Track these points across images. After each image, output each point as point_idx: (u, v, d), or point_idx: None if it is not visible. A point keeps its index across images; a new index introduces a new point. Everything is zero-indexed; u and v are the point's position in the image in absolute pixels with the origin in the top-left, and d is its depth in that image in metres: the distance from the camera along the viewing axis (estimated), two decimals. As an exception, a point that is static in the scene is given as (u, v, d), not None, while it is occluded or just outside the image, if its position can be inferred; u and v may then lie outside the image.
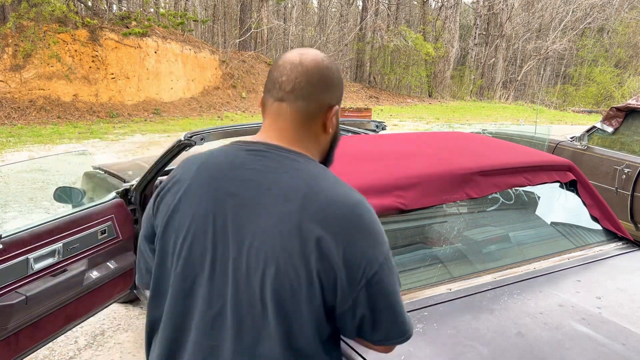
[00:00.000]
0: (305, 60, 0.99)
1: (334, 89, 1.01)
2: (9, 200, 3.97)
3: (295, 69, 0.98)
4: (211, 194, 0.95)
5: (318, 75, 0.98)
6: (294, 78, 0.98)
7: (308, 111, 0.99)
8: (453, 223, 2.20)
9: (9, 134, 10.62)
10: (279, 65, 1.01)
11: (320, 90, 0.99)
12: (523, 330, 1.39)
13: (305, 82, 0.97)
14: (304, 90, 0.97)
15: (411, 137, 2.25)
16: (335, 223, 0.89)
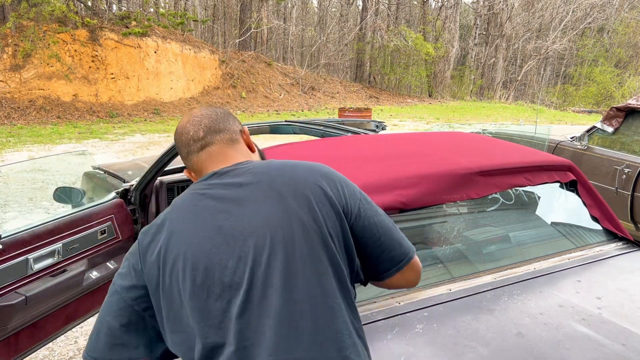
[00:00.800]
0: (198, 114, 1.16)
1: (233, 118, 1.19)
2: (9, 200, 3.97)
3: (195, 122, 1.15)
4: (206, 230, 1.01)
5: (213, 116, 1.16)
6: (197, 128, 1.14)
7: (229, 138, 1.15)
8: (453, 223, 2.20)
9: (8, 134, 10.62)
10: (179, 133, 1.16)
11: (225, 122, 1.16)
12: (523, 330, 1.39)
13: (209, 124, 1.15)
14: (213, 129, 1.14)
15: (411, 137, 2.25)
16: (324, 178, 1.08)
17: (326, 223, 1.02)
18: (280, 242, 0.97)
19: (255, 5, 21.68)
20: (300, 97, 20.02)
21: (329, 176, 1.11)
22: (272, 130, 2.82)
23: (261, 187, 1.04)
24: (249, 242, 0.98)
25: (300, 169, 1.09)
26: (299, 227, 0.99)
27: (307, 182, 1.05)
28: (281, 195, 1.02)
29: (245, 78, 19.12)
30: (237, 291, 0.95)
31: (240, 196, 1.03)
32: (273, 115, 16.31)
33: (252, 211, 1.01)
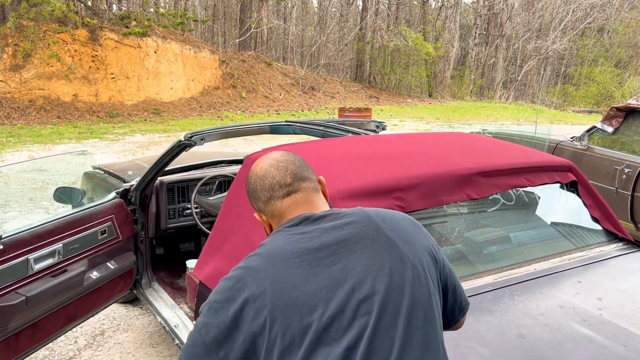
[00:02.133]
0: (279, 158, 1.13)
1: (308, 166, 1.15)
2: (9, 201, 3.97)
3: (281, 168, 1.11)
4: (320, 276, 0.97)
5: (297, 162, 1.13)
6: (283, 175, 1.10)
7: (312, 186, 1.13)
8: (453, 224, 2.20)
9: (8, 134, 10.62)
10: (260, 177, 1.12)
11: (306, 170, 1.14)
12: (524, 331, 1.38)
13: (294, 170, 1.11)
14: (298, 176, 1.11)
15: (411, 138, 2.25)
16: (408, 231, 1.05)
17: (431, 272, 1.01)
18: (399, 285, 0.95)
19: (255, 5, 21.68)
20: (300, 97, 20.02)
21: (417, 224, 1.10)
22: (272, 130, 2.82)
23: (367, 229, 1.01)
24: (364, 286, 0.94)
25: (397, 215, 1.10)
26: (412, 274, 0.97)
27: (409, 229, 1.05)
28: (390, 240, 1.00)
29: (245, 78, 19.12)
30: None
31: (347, 238, 1.00)
32: (273, 115, 16.30)
33: (363, 254, 0.98)
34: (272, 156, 1.14)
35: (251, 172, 1.14)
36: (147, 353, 2.91)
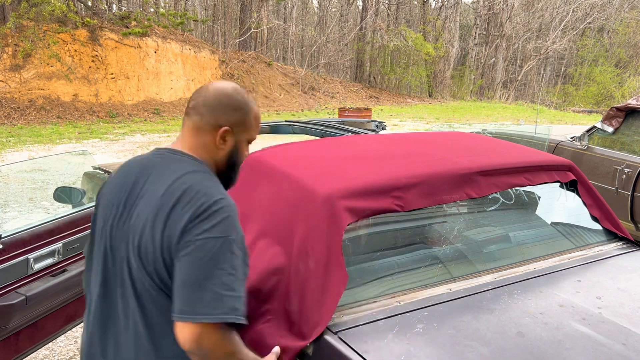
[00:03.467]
0: (211, 86, 1.27)
1: (229, 113, 1.25)
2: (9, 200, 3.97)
3: (201, 92, 1.27)
4: (125, 184, 1.26)
5: (214, 98, 1.24)
6: (196, 98, 1.26)
7: (200, 125, 1.25)
8: (453, 223, 2.20)
9: (8, 134, 10.62)
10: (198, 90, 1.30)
11: (213, 111, 1.24)
12: (523, 330, 1.39)
13: (202, 102, 1.25)
14: (199, 108, 1.25)
15: (411, 137, 2.25)
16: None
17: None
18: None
19: (255, 5, 21.68)
20: (300, 97, 20.02)
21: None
22: (272, 130, 2.82)
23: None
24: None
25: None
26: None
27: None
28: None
29: (245, 78, 19.12)
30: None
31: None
32: (273, 115, 16.30)
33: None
34: (216, 82, 1.30)
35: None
36: (147, 353, 2.91)
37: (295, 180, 1.63)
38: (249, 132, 1.31)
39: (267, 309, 1.50)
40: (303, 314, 1.39)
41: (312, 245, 1.45)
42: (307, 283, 1.42)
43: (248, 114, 1.29)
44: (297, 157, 1.85)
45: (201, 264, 1.09)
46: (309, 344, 1.35)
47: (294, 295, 1.43)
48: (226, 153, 1.29)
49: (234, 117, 1.26)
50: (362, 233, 1.94)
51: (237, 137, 1.29)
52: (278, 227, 1.60)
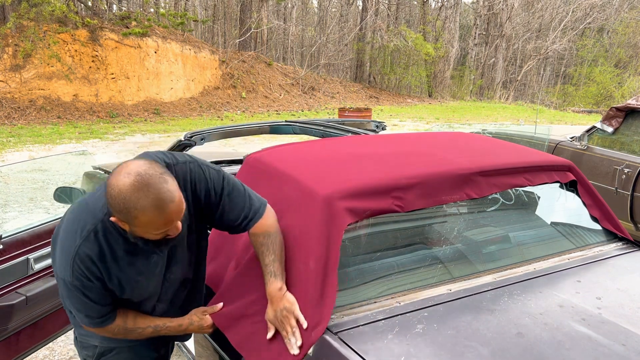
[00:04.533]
0: (119, 172, 1.28)
1: (114, 209, 1.26)
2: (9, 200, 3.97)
3: (113, 174, 1.32)
4: None
5: (109, 185, 1.27)
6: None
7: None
8: (453, 223, 2.20)
9: (9, 134, 10.62)
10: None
11: (108, 202, 1.30)
12: (523, 330, 1.39)
13: (106, 192, 1.31)
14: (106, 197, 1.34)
15: (411, 137, 2.25)
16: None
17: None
18: None
19: (255, 6, 21.67)
20: (300, 97, 20.02)
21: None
22: (272, 130, 2.82)
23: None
24: None
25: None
26: None
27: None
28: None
29: (246, 78, 19.12)
30: None
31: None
32: (273, 115, 16.30)
33: None
34: (121, 176, 1.27)
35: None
36: (147, 353, 2.90)
37: (295, 181, 1.63)
38: (144, 230, 1.29)
39: (257, 308, 1.50)
40: (303, 315, 1.39)
41: (311, 245, 1.45)
42: (306, 284, 1.42)
43: (133, 220, 1.25)
44: (297, 157, 1.85)
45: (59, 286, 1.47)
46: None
47: (293, 296, 1.44)
48: (128, 233, 1.33)
49: (119, 216, 1.27)
50: (362, 233, 1.94)
51: (132, 229, 1.30)
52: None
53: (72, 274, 1.34)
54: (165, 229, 1.30)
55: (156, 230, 1.29)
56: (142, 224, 1.26)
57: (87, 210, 1.38)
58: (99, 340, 1.59)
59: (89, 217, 1.35)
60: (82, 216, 1.37)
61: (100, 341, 1.60)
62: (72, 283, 1.35)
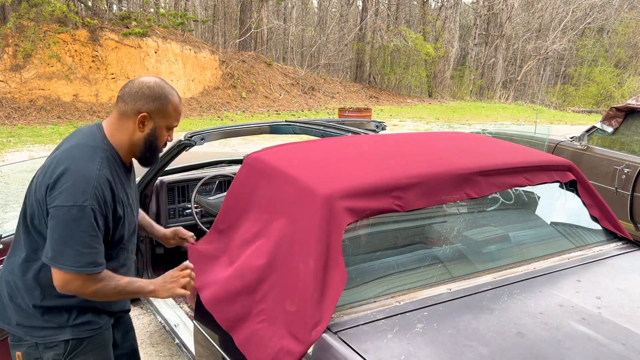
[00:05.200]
0: (137, 79, 1.55)
1: (148, 102, 1.51)
2: (9, 200, 3.97)
3: (128, 84, 1.55)
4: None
5: (137, 89, 1.52)
6: (124, 88, 1.55)
7: (124, 111, 1.54)
8: (453, 223, 2.20)
9: (9, 134, 10.62)
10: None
11: (135, 99, 1.51)
12: (523, 330, 1.39)
13: (128, 92, 1.53)
14: (125, 97, 1.53)
15: (411, 137, 2.25)
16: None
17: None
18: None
19: (255, 6, 21.68)
20: (300, 97, 20.02)
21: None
22: (272, 130, 2.82)
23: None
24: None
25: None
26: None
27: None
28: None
29: (246, 78, 19.12)
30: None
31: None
32: (273, 115, 16.30)
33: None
34: (138, 77, 1.57)
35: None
36: (147, 353, 2.91)
37: (295, 181, 1.64)
38: (167, 119, 1.56)
39: (264, 308, 1.50)
40: (303, 315, 1.39)
41: (311, 245, 1.46)
42: (306, 283, 1.42)
43: (166, 104, 1.54)
44: (297, 157, 1.86)
45: (61, 227, 1.40)
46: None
47: (293, 296, 1.44)
48: (144, 135, 1.56)
49: (153, 106, 1.52)
50: (362, 233, 1.94)
51: (155, 123, 1.55)
52: (278, 227, 1.60)
53: (92, 196, 1.41)
54: (176, 123, 1.60)
55: (176, 120, 1.58)
56: (172, 110, 1.55)
57: (89, 145, 1.50)
58: (70, 332, 1.55)
59: (97, 149, 1.50)
60: (88, 149, 1.48)
61: (72, 333, 1.56)
62: (91, 206, 1.41)
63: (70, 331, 1.56)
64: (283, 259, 1.52)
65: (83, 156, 1.46)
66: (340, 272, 1.43)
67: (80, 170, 1.42)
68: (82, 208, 1.40)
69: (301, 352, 1.34)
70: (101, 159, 1.48)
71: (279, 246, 1.56)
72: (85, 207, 1.40)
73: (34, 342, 1.56)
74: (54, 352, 1.56)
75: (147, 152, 1.61)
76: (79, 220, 1.40)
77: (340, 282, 1.42)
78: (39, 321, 1.55)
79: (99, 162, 1.47)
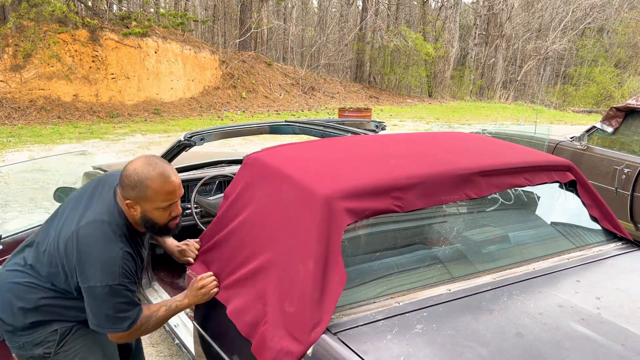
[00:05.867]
0: (128, 164, 1.64)
1: (128, 190, 1.61)
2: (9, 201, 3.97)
3: (125, 168, 1.65)
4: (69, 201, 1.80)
5: (123, 176, 1.62)
6: (122, 171, 1.66)
7: (118, 193, 1.67)
8: (453, 223, 2.20)
9: (9, 134, 10.62)
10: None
11: (122, 186, 1.63)
12: (522, 330, 1.39)
13: (121, 176, 1.64)
14: (119, 181, 1.65)
15: (410, 137, 2.25)
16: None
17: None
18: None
19: (255, 6, 21.67)
20: (300, 97, 20.02)
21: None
22: (272, 130, 2.82)
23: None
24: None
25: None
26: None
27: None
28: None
29: (246, 78, 19.12)
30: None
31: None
32: (273, 115, 16.31)
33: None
34: (131, 163, 1.65)
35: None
36: (147, 353, 2.91)
37: (295, 181, 1.64)
38: (152, 202, 1.61)
39: (266, 310, 1.50)
40: (303, 315, 1.39)
41: (311, 246, 1.45)
42: (306, 284, 1.42)
43: (144, 190, 1.59)
44: (297, 157, 1.85)
45: (100, 302, 1.55)
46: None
47: (293, 297, 1.44)
48: (139, 217, 1.65)
49: (132, 193, 1.60)
50: (362, 233, 1.94)
51: (142, 207, 1.62)
52: (277, 227, 1.60)
53: (120, 274, 1.55)
54: (170, 201, 1.62)
55: (163, 202, 1.61)
56: (152, 194, 1.58)
57: (107, 222, 1.61)
58: (57, 324, 1.67)
59: (115, 226, 1.61)
60: (107, 228, 1.60)
61: (59, 324, 1.68)
62: (121, 283, 1.56)
63: (58, 323, 1.68)
64: (282, 259, 1.52)
65: (105, 237, 1.58)
66: (340, 272, 1.43)
67: (104, 254, 1.56)
68: (115, 286, 1.55)
69: (301, 352, 1.34)
70: (120, 237, 1.61)
71: (278, 247, 1.56)
72: (117, 285, 1.55)
73: (21, 342, 1.65)
74: (42, 348, 1.66)
75: (153, 229, 1.69)
76: (114, 295, 1.55)
77: (339, 282, 1.42)
78: (23, 325, 1.66)
79: (119, 238, 1.60)
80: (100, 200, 1.68)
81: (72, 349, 1.69)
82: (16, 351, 1.68)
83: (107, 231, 1.59)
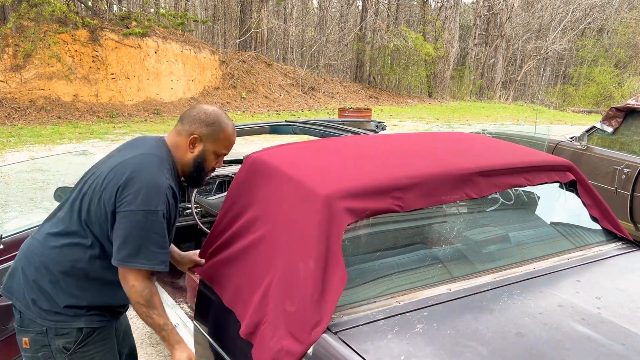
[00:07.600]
0: (197, 105, 1.72)
1: (202, 126, 1.67)
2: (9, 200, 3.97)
3: (190, 107, 1.74)
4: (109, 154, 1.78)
5: (195, 113, 1.69)
6: (186, 110, 1.72)
7: (180, 130, 1.70)
8: (453, 223, 2.21)
9: (9, 134, 10.62)
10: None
11: (191, 122, 1.68)
12: (523, 330, 1.39)
13: (187, 114, 1.70)
14: (183, 119, 1.70)
15: (410, 138, 2.25)
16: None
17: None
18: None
19: (255, 6, 21.68)
20: (300, 97, 20.03)
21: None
22: (272, 130, 2.83)
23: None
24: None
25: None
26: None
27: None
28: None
29: (246, 78, 19.12)
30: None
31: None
32: (273, 116, 16.31)
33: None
34: (205, 105, 1.74)
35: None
36: (147, 352, 2.91)
37: (295, 181, 1.64)
38: (216, 145, 1.69)
39: (266, 309, 1.50)
40: (303, 315, 1.40)
41: (311, 245, 1.46)
42: (307, 283, 1.42)
43: (218, 131, 1.68)
44: (297, 157, 1.86)
45: (138, 230, 1.50)
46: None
47: (293, 296, 1.44)
48: (193, 157, 1.69)
49: (205, 130, 1.66)
50: (362, 233, 1.94)
51: (205, 146, 1.68)
52: (277, 227, 1.60)
53: (163, 202, 1.55)
54: (227, 151, 1.74)
55: (225, 148, 1.72)
56: (223, 137, 1.68)
57: (157, 155, 1.63)
58: (84, 321, 1.61)
59: (164, 161, 1.63)
60: (157, 159, 1.61)
61: (85, 322, 1.61)
62: (162, 211, 1.54)
63: (85, 320, 1.62)
64: (283, 259, 1.52)
65: (153, 165, 1.59)
66: (340, 272, 1.43)
67: (153, 178, 1.55)
68: (156, 212, 1.52)
69: (301, 352, 1.34)
70: (168, 170, 1.62)
71: (279, 246, 1.56)
72: (158, 212, 1.53)
73: (44, 327, 1.58)
74: (64, 340, 1.59)
75: (195, 173, 1.72)
76: (154, 223, 1.52)
77: (340, 282, 1.42)
78: (55, 305, 1.58)
79: (167, 172, 1.61)
80: (142, 145, 1.67)
81: (90, 351, 1.64)
82: (33, 335, 1.60)
83: (158, 161, 1.60)
